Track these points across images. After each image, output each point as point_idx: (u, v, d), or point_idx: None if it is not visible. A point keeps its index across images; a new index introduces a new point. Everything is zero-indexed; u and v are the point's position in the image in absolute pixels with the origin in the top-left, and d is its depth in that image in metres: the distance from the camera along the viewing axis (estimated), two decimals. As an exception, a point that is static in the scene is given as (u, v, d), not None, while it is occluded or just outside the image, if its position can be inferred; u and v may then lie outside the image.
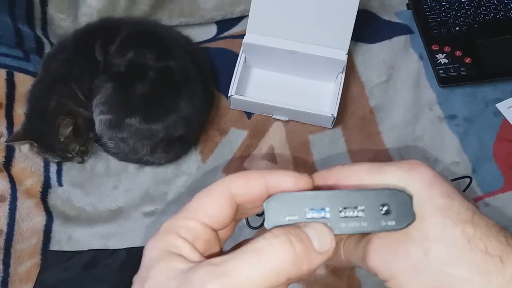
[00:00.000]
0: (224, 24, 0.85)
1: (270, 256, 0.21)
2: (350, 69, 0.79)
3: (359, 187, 0.26)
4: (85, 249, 0.67)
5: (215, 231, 0.25)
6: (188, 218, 0.24)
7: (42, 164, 0.72)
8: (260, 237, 0.22)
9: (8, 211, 0.67)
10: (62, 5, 0.81)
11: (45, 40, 0.81)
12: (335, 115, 0.71)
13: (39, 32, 0.81)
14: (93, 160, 0.73)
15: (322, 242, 0.23)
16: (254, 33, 0.70)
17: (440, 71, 0.78)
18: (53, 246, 0.67)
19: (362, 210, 0.24)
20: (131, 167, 0.73)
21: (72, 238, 0.67)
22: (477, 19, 0.82)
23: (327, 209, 0.24)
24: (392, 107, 0.77)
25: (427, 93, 0.78)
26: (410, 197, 0.24)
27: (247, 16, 0.72)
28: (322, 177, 0.27)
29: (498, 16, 0.82)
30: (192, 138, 0.73)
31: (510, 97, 0.77)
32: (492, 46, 0.79)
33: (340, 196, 0.24)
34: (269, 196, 0.24)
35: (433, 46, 0.80)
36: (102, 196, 0.71)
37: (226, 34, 0.84)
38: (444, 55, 0.79)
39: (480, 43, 0.79)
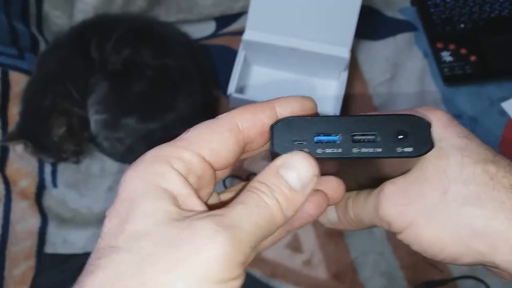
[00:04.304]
0: (223, 21, 0.83)
1: (262, 210, 0.20)
2: (353, 67, 0.78)
3: (374, 114, 0.24)
4: (81, 252, 0.66)
5: (213, 169, 0.22)
6: (183, 148, 0.21)
7: (37, 165, 0.71)
8: (249, 191, 0.20)
9: (2, 212, 0.66)
10: (58, 2, 0.80)
11: (40, 38, 0.79)
12: (338, 115, 0.69)
13: (34, 29, 0.80)
14: (88, 160, 0.72)
15: (302, 179, 0.21)
16: (254, 29, 0.69)
17: (445, 69, 0.76)
18: (48, 249, 0.66)
19: (376, 135, 0.22)
20: (127, 167, 0.71)
21: (68, 241, 0.66)
22: (482, 16, 0.80)
23: (339, 134, 0.22)
24: (396, 105, 0.76)
25: (432, 92, 0.77)
26: (429, 124, 0.23)
27: (246, 12, 0.70)
28: None
29: (503, 13, 0.80)
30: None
31: (516, 96, 0.76)
32: (498, 44, 0.78)
33: (353, 122, 0.22)
34: (276, 121, 0.22)
35: (437, 44, 0.78)
36: (98, 198, 0.70)
37: (225, 30, 0.83)
38: (449, 52, 0.77)
39: (485, 41, 0.78)
